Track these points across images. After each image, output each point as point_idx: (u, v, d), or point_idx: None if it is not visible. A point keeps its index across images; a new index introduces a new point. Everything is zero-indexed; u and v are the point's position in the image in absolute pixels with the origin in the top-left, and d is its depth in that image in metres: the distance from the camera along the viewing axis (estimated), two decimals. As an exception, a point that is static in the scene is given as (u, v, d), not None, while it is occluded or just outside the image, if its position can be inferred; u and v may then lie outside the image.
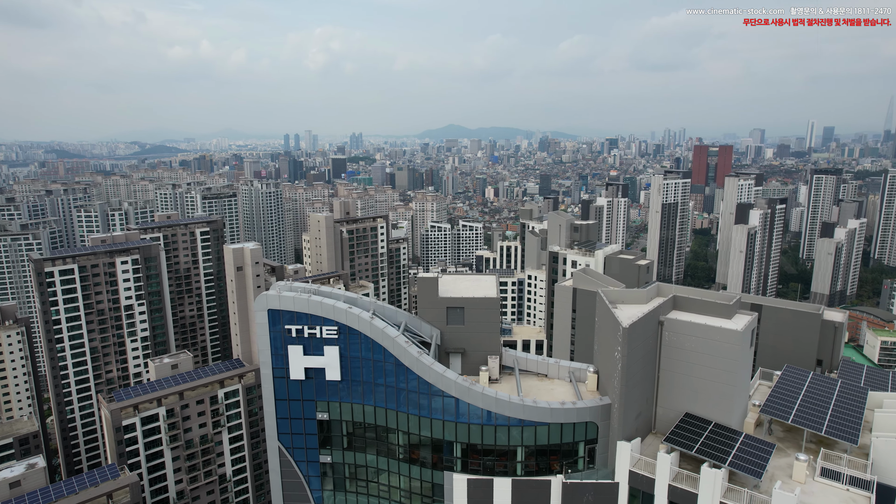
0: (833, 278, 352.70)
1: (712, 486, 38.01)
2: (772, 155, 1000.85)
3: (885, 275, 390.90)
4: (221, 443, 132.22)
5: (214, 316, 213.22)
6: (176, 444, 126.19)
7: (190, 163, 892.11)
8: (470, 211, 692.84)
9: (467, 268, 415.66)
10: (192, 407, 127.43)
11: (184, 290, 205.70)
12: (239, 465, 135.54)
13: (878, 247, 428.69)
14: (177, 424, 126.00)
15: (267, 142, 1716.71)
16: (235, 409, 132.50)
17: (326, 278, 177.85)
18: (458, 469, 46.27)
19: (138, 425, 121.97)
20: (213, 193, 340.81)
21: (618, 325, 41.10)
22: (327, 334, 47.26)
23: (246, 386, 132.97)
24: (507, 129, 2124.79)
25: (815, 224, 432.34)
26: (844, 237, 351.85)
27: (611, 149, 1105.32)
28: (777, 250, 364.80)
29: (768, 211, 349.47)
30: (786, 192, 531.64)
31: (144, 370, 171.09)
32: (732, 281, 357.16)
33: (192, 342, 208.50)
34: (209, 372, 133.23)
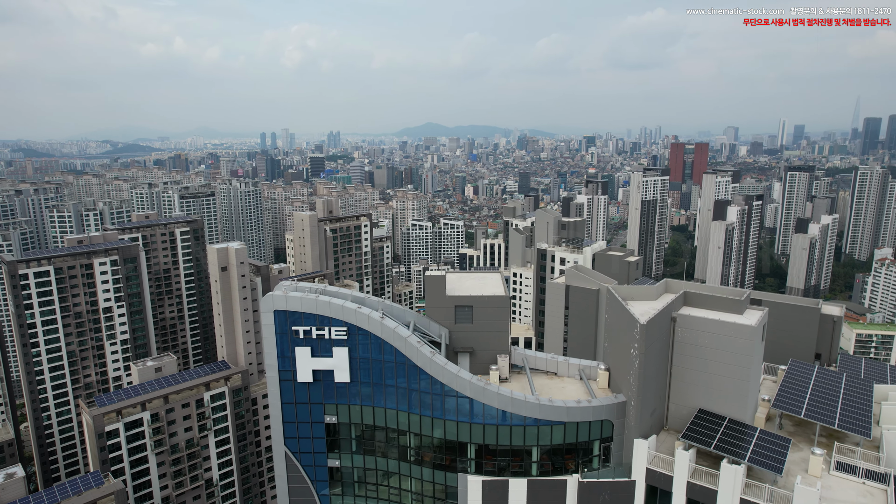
0: (808, 273, 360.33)
1: (732, 482, 37.82)
2: (745, 152, 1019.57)
3: (856, 269, 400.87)
4: (208, 447, 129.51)
5: (195, 317, 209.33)
6: (161, 449, 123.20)
7: (165, 162, 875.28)
8: (450, 209, 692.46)
9: (449, 266, 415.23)
10: (177, 411, 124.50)
11: (163, 292, 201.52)
12: (226, 469, 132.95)
13: (848, 242, 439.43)
14: (162, 429, 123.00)
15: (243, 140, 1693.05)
16: (222, 412, 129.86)
17: (311, 278, 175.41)
18: (472, 470, 45.45)
19: (122, 431, 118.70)
20: (190, 193, 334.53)
21: (635, 321, 40.69)
22: (336, 335, 46.01)
23: (232, 388, 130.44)
24: (485, 127, 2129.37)
25: (789, 220, 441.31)
26: (818, 233, 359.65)
27: (588, 147, 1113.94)
28: (754, 246, 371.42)
29: (745, 207, 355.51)
30: (760, 188, 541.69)
31: (125, 374, 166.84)
32: (711, 276, 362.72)
33: (172, 344, 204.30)
34: (194, 375, 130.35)
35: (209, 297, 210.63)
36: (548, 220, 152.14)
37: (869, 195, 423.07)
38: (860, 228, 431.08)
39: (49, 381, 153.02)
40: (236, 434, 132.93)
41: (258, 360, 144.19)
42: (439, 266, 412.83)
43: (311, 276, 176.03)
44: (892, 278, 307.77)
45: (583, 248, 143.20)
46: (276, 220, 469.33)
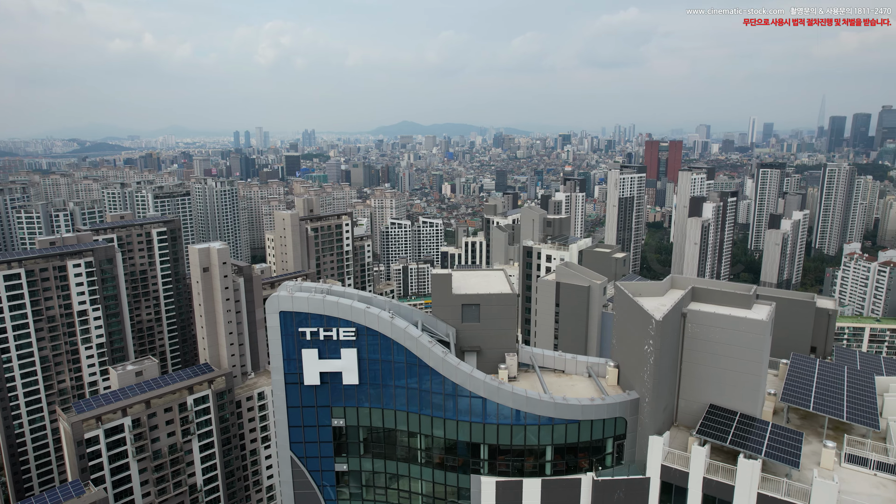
0: (780, 267, 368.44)
1: (750, 477, 37.75)
2: (717, 150, 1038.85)
3: (826, 263, 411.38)
4: (191, 451, 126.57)
5: (173, 320, 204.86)
6: (143, 455, 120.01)
7: (136, 161, 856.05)
8: (427, 207, 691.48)
9: (429, 264, 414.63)
10: (159, 415, 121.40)
11: (140, 294, 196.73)
12: (210, 474, 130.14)
13: (818, 237, 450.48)
14: (143, 434, 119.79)
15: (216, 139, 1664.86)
16: (205, 415, 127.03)
17: (293, 277, 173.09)
18: (485, 471, 44.68)
19: (102, 437, 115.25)
20: (165, 192, 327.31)
21: (650, 318, 40.37)
22: (345, 336, 44.74)
23: (216, 391, 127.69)
24: (461, 125, 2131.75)
25: (761, 216, 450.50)
26: (790, 228, 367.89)
27: (564, 144, 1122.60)
28: (729, 242, 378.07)
29: (720, 204, 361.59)
30: (733, 185, 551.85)
31: (101, 379, 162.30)
32: (688, 272, 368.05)
33: (150, 347, 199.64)
34: (177, 378, 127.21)
35: (188, 299, 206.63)
36: (533, 217, 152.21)
37: (837, 191, 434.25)
38: (829, 224, 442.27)
39: (21, 387, 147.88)
40: (220, 438, 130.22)
41: (242, 362, 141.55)
42: (419, 265, 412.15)
43: (293, 275, 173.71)
44: (861, 272, 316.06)
45: (569, 246, 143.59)
46: (253, 219, 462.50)
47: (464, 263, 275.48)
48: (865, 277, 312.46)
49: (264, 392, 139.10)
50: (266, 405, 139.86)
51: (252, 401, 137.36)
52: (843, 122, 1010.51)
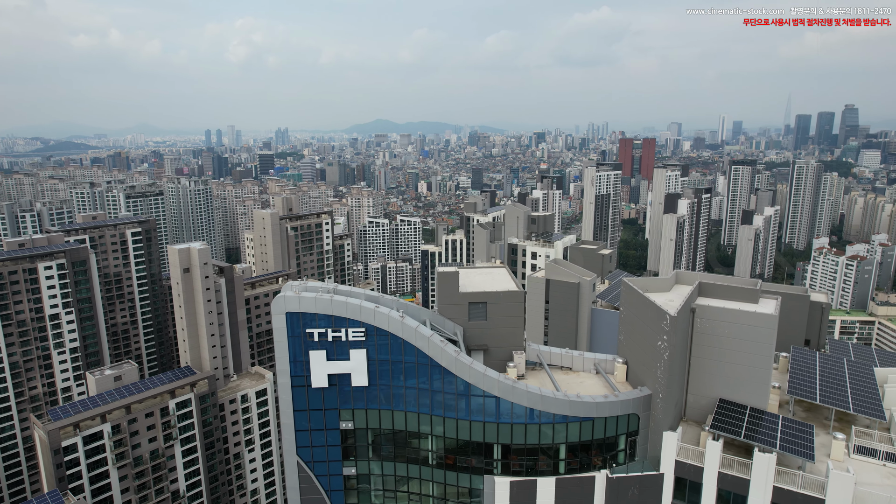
0: (753, 262, 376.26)
1: (766, 471, 37.82)
2: (689, 147, 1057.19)
3: (796, 257, 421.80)
4: (174, 457, 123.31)
5: (149, 322, 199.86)
6: (123, 462, 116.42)
7: (104, 160, 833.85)
8: (404, 206, 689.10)
9: (407, 262, 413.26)
10: (140, 421, 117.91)
11: (114, 296, 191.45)
12: (193, 480, 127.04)
13: (788, 232, 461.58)
14: (124, 441, 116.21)
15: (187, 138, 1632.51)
16: (188, 419, 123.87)
17: (275, 278, 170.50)
18: (498, 471, 44.02)
19: (80, 445, 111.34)
20: (137, 192, 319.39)
21: (663, 313, 40.19)
22: (354, 337, 43.55)
23: (199, 395, 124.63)
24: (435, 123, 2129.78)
25: (733, 212, 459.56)
26: (762, 224, 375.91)
27: (539, 142, 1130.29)
28: (703, 237, 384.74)
29: (695, 200, 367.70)
30: (706, 182, 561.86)
31: (75, 384, 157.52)
32: (664, 268, 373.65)
33: (125, 351, 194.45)
34: (158, 382, 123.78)
35: (164, 301, 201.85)
36: (518, 214, 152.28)
37: (805, 188, 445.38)
38: (798, 219, 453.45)
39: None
40: (204, 442, 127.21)
41: (224, 365, 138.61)
42: (397, 263, 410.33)
43: (274, 275, 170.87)
44: (830, 266, 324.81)
45: (553, 242, 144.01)
46: (228, 219, 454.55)
47: (444, 262, 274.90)
48: (834, 271, 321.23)
49: (248, 395, 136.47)
50: (250, 408, 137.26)
51: (235, 404, 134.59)
52: (809, 120, 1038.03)
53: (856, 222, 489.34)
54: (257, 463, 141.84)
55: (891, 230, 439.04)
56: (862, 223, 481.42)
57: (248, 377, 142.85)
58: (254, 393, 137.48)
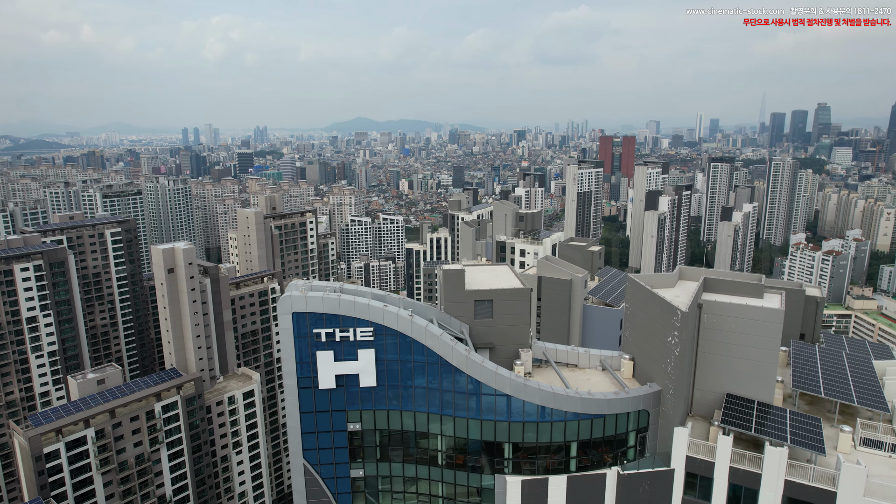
0: (732, 258, 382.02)
1: (777, 465, 37.97)
2: (667, 145, 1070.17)
3: (773, 253, 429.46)
4: (160, 461, 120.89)
5: (130, 324, 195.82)
6: (108, 467, 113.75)
7: (77, 159, 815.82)
8: (386, 204, 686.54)
9: (390, 261, 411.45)
10: (125, 425, 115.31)
11: (93, 298, 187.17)
12: (180, 484, 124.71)
13: (765, 228, 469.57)
14: (108, 446, 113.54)
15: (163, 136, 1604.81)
16: (175, 422, 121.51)
17: (260, 277, 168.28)
18: (509, 470, 43.60)
19: (62, 451, 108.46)
20: (114, 192, 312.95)
21: (674, 309, 40.14)
22: (362, 336, 42.72)
23: (185, 397, 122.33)
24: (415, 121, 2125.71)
25: (712, 209, 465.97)
26: (741, 220, 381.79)
27: (519, 140, 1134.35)
28: (684, 234, 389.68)
29: (675, 197, 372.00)
30: (685, 179, 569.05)
31: (54, 389, 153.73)
32: (645, 264, 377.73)
33: (105, 354, 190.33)
34: (143, 385, 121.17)
35: (145, 302, 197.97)
36: (506, 212, 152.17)
37: (782, 184, 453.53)
38: (775, 215, 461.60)
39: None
40: (190, 446, 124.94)
41: (210, 366, 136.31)
42: (381, 262, 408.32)
43: (258, 275, 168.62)
44: (807, 261, 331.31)
45: (542, 240, 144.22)
46: (207, 218, 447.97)
47: (429, 260, 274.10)
48: (811, 266, 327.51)
49: (235, 396, 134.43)
50: (237, 409, 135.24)
51: (222, 405, 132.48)
52: (783, 118, 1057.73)
53: (830, 218, 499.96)
54: (245, 465, 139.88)
55: (863, 225, 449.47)
56: (836, 219, 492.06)
57: (235, 378, 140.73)
58: (241, 394, 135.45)
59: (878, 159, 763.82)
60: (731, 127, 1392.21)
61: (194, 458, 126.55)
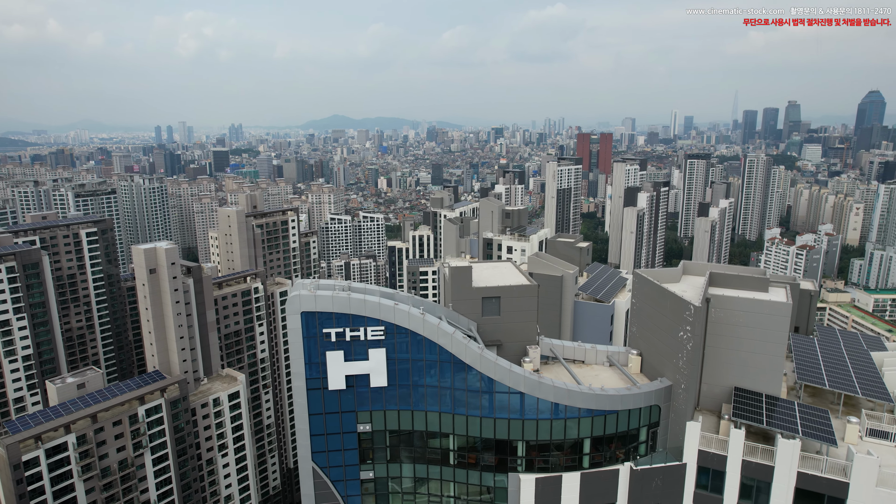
0: (710, 253, 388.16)
1: (790, 457, 38.20)
2: (643, 142, 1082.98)
3: (749, 248, 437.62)
4: (144, 466, 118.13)
5: (107, 326, 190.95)
6: (90, 473, 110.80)
7: (45, 157, 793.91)
8: (364, 202, 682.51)
9: (371, 259, 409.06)
10: (107, 430, 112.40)
11: (68, 300, 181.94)
12: (165, 489, 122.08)
13: (741, 223, 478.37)
14: (90, 452, 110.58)
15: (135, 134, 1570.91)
16: (159, 426, 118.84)
17: (242, 277, 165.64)
18: (522, 469, 43.16)
19: (42, 459, 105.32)
20: (87, 191, 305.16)
21: (687, 304, 40.11)
22: (373, 336, 41.77)
23: (170, 400, 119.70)
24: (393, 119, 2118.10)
25: (689, 205, 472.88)
26: (717, 216, 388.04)
27: (497, 138, 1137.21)
28: (662, 230, 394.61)
29: (653, 194, 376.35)
30: (661, 176, 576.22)
31: (29, 394, 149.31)
32: (625, 260, 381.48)
33: (81, 357, 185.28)
34: (125, 388, 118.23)
35: (122, 304, 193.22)
36: (492, 209, 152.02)
37: (756, 180, 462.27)
38: (750, 211, 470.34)
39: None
40: (175, 449, 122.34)
41: (194, 368, 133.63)
42: (361, 260, 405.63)
43: (241, 275, 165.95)
44: (781, 255, 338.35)
45: (529, 237, 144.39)
46: (184, 217, 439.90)
47: (412, 258, 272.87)
48: (785, 260, 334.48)
49: (220, 398, 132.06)
50: (222, 411, 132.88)
51: (207, 408, 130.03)
52: (755, 115, 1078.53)
53: (802, 213, 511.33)
54: (231, 468, 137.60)
55: (834, 220, 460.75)
56: (808, 214, 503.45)
57: (220, 380, 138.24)
58: (226, 396, 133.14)
59: (845, 156, 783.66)
60: (704, 124, 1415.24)
61: (179, 461, 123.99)
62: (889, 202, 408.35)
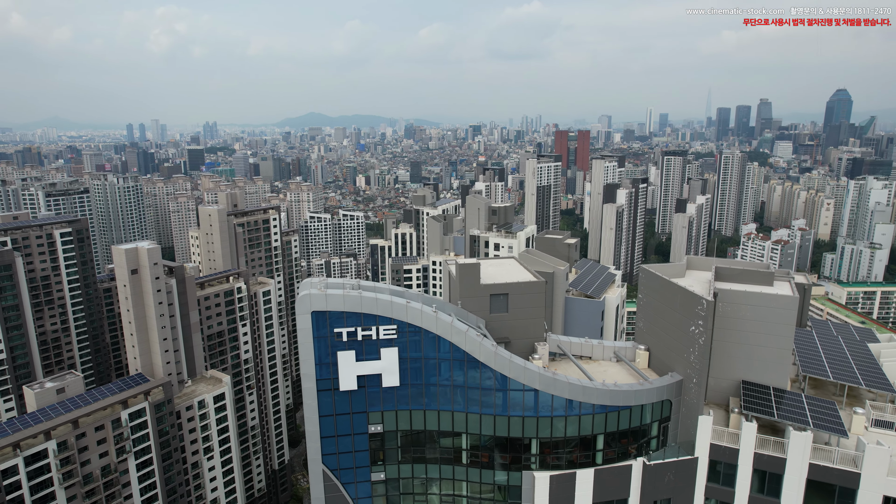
0: (687, 248, 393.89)
1: (802, 449, 38.50)
2: (619, 139, 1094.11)
3: (725, 243, 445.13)
4: (128, 471, 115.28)
5: (83, 329, 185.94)
6: (71, 481, 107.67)
7: (11, 156, 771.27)
8: (343, 200, 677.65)
9: (352, 258, 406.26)
10: (89, 435, 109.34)
11: (42, 302, 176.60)
12: (149, 494, 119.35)
13: (717, 219, 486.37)
14: (71, 458, 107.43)
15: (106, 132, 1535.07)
16: (143, 430, 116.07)
17: (225, 277, 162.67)
18: (536, 466, 42.78)
19: (21, 467, 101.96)
20: (59, 190, 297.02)
21: (699, 299, 40.14)
22: (385, 335, 40.91)
23: (154, 403, 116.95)
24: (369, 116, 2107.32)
25: (667, 201, 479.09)
26: (695, 212, 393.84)
27: (475, 135, 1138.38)
28: (641, 226, 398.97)
29: (632, 190, 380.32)
30: (638, 172, 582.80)
31: (2, 401, 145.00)
32: (605, 256, 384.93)
33: (57, 361, 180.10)
34: (107, 392, 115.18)
35: (99, 306, 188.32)
36: (479, 206, 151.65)
37: (731, 177, 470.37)
38: (726, 206, 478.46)
39: None
40: (160, 454, 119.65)
41: (178, 370, 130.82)
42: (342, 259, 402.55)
43: (224, 274, 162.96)
44: (757, 250, 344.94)
45: (516, 233, 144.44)
46: (160, 217, 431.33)
47: (394, 256, 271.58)
48: (761, 255, 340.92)
49: (205, 400, 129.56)
50: (208, 414, 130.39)
51: (192, 410, 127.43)
52: (728, 113, 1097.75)
53: (775, 209, 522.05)
54: (217, 471, 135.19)
55: (806, 215, 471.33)
56: (781, 210, 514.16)
57: (204, 382, 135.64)
58: (211, 398, 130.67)
59: (815, 152, 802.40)
60: (679, 121, 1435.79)
61: (164, 466, 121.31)
62: (858, 198, 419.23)
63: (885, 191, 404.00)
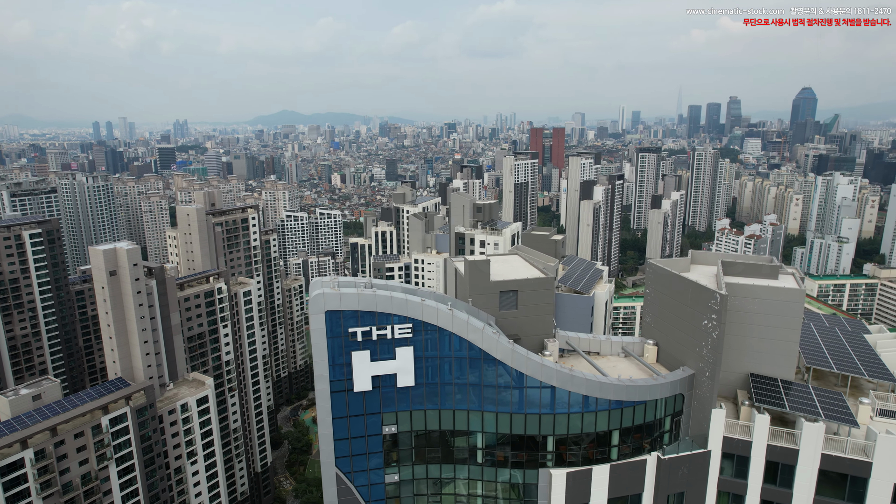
0: (663, 244, 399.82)
1: (815, 440, 38.90)
2: (593, 136, 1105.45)
3: (699, 238, 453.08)
4: (109, 479, 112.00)
5: (55, 333, 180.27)
6: (50, 490, 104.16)
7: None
8: (319, 199, 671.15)
9: (330, 256, 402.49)
10: (68, 443, 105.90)
11: (11, 306, 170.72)
12: (132, 501, 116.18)
13: (690, 215, 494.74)
14: (50, 467, 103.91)
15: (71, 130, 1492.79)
16: (124, 436, 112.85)
17: (205, 277, 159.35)
18: (552, 464, 42.44)
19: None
20: (24, 190, 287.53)
21: (712, 293, 40.26)
22: (400, 333, 40.03)
23: (136, 408, 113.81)
24: (343, 114, 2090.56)
25: (642, 197, 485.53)
26: (670, 208, 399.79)
27: (450, 133, 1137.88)
28: (617, 222, 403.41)
29: (609, 187, 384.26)
30: (612, 169, 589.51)
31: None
32: (582, 252, 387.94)
33: (27, 366, 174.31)
34: (86, 398, 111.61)
35: (71, 309, 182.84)
36: (463, 203, 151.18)
37: (704, 173, 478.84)
38: (699, 202, 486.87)
39: None
40: (142, 459, 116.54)
41: (159, 373, 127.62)
42: (319, 258, 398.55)
43: (204, 275, 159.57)
44: (731, 245, 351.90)
45: (501, 230, 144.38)
46: (131, 217, 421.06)
47: (375, 254, 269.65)
48: (735, 249, 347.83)
49: (188, 403, 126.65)
50: (191, 417, 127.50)
51: (175, 414, 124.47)
52: (699, 110, 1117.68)
53: (747, 204, 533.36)
54: (201, 476, 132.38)
55: (776, 210, 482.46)
56: (752, 205, 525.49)
57: (186, 385, 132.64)
58: (194, 401, 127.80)
59: (783, 149, 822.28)
60: (651, 119, 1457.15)
61: (147, 472, 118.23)
62: (826, 193, 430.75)
63: (850, 186, 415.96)
